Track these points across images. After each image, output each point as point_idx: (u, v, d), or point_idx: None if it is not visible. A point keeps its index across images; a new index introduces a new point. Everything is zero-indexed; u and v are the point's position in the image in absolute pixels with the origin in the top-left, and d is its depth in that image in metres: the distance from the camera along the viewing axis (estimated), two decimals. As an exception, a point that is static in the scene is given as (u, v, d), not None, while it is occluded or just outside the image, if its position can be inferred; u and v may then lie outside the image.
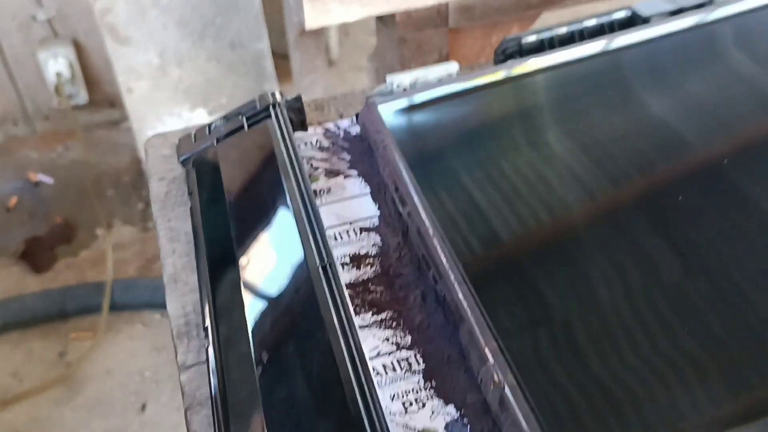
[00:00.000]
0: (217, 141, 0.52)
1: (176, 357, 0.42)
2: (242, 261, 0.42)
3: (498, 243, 0.42)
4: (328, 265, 0.39)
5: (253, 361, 0.36)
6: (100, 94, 1.63)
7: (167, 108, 1.33)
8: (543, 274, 0.39)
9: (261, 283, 0.40)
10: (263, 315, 0.38)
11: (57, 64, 1.52)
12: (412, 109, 0.53)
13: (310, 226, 0.41)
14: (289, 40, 1.21)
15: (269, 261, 0.41)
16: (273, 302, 0.39)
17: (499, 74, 0.54)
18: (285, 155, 0.47)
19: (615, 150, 0.47)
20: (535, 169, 0.46)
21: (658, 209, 0.42)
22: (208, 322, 0.40)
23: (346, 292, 0.37)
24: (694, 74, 0.52)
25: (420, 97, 0.53)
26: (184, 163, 0.52)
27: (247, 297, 0.40)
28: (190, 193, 0.50)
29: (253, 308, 0.39)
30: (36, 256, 1.38)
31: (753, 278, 0.37)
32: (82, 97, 1.60)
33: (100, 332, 1.22)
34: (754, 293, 0.36)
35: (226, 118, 0.54)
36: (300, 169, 0.45)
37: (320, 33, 1.17)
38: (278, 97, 0.52)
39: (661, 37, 0.54)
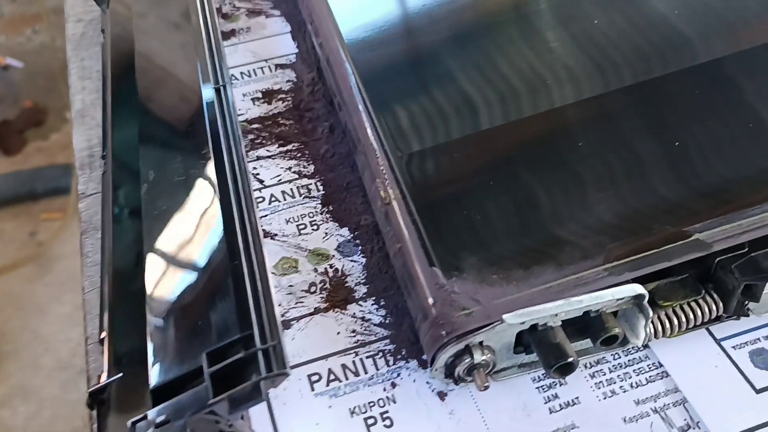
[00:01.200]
0: (132, -23, 0.49)
1: (77, 187, 0.41)
2: (142, 89, 0.40)
3: (406, 72, 0.40)
4: (221, 87, 0.37)
5: (141, 183, 0.35)
6: (67, -26, 1.57)
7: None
8: (445, 100, 0.37)
9: (157, 107, 0.39)
10: (155, 137, 0.37)
11: (18, -60, 1.45)
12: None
13: (209, 52, 0.39)
14: None
15: (167, 86, 0.40)
16: (166, 124, 0.38)
17: None
18: (194, -15, 0.44)
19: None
20: (458, 14, 0.44)
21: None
22: (106, 151, 0.39)
23: (237, 115, 0.36)
24: None
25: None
26: (98, 1, 0.50)
27: (143, 122, 0.38)
28: (102, 31, 0.48)
29: (146, 130, 0.38)
30: (6, 139, 1.37)
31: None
32: (48, -24, 1.54)
33: (69, 213, 1.22)
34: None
35: (142, -46, 0.51)
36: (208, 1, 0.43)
37: None
38: (195, -70, 0.49)
39: None
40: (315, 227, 0.37)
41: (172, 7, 0.46)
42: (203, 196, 0.33)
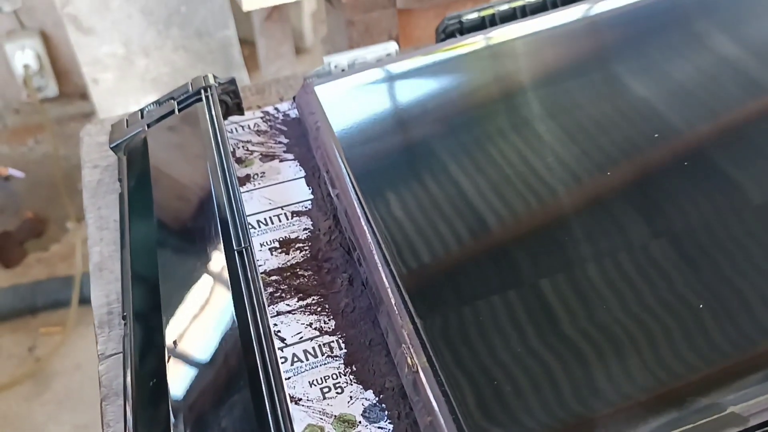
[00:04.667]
0: (149, 126, 0.50)
1: (96, 347, 0.41)
2: (163, 249, 0.41)
3: (427, 227, 0.41)
4: (244, 250, 0.37)
5: (165, 349, 0.35)
6: (71, 86, 1.61)
7: (135, 99, 1.31)
8: (469, 259, 0.38)
9: (178, 269, 0.39)
10: (177, 302, 0.37)
11: (24, 56, 1.50)
12: (350, 90, 0.52)
13: (230, 210, 0.40)
14: (255, 26, 1.19)
15: (188, 247, 0.40)
16: (188, 289, 0.38)
17: (439, 54, 0.53)
18: (211, 138, 0.45)
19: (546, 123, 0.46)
20: (469, 152, 0.45)
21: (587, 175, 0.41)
22: (127, 311, 0.39)
23: (260, 277, 0.36)
24: (630, 50, 0.51)
25: (358, 78, 0.52)
26: (115, 149, 0.51)
27: (164, 285, 0.39)
28: (120, 180, 0.49)
29: (168, 295, 0.38)
30: (6, 251, 1.36)
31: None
32: (52, 89, 1.58)
33: (69, 326, 1.20)
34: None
35: (159, 102, 0.52)
36: (225, 152, 0.44)
37: (285, 19, 1.15)
38: (211, 79, 0.51)
39: (606, 12, 0.53)
40: (339, 390, 0.36)
41: (189, 156, 0.47)
42: (230, 370, 0.33)
